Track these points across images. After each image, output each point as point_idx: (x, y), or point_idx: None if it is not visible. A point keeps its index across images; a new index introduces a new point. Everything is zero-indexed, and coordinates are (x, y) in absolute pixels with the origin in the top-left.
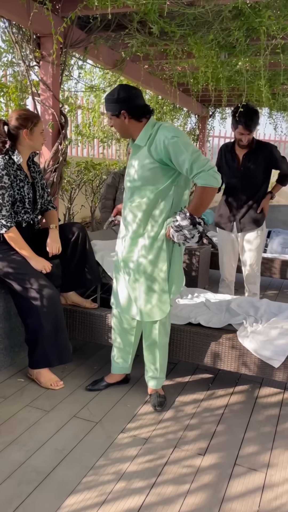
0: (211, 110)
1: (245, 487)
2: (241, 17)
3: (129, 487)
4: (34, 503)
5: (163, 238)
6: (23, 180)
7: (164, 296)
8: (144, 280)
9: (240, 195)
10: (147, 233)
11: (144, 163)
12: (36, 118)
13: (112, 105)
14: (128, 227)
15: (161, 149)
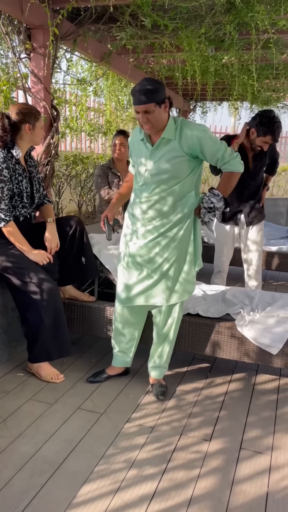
0: (192, 104)
1: (252, 470)
2: (232, 11)
3: (141, 474)
4: (50, 493)
5: (190, 217)
6: (22, 174)
7: (192, 273)
8: (173, 261)
9: (247, 190)
10: (174, 220)
11: (174, 156)
12: (39, 113)
13: (158, 94)
14: (151, 218)
15: (194, 143)
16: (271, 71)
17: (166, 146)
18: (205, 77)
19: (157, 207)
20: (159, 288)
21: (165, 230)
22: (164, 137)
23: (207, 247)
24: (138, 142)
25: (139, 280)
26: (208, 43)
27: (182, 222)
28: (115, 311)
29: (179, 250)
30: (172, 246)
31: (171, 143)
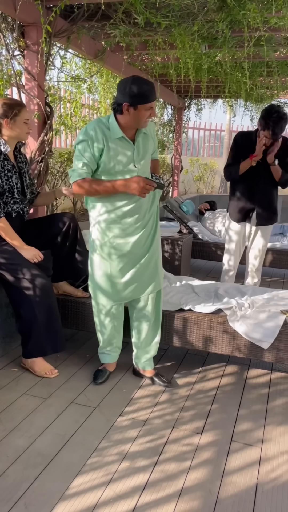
0: (187, 101)
1: (243, 462)
2: (225, 9)
3: (133, 466)
4: (43, 485)
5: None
6: (11, 170)
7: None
8: (158, 251)
9: (260, 189)
10: (154, 209)
11: (149, 149)
12: (18, 107)
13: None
14: (145, 212)
15: (154, 137)
16: (264, 68)
17: (146, 141)
18: (199, 75)
19: (144, 200)
20: (151, 277)
21: (152, 221)
22: (144, 132)
23: (201, 244)
24: (113, 139)
25: (133, 277)
26: (201, 40)
27: (156, 211)
28: (103, 311)
29: (158, 236)
30: (156, 235)
31: (147, 137)
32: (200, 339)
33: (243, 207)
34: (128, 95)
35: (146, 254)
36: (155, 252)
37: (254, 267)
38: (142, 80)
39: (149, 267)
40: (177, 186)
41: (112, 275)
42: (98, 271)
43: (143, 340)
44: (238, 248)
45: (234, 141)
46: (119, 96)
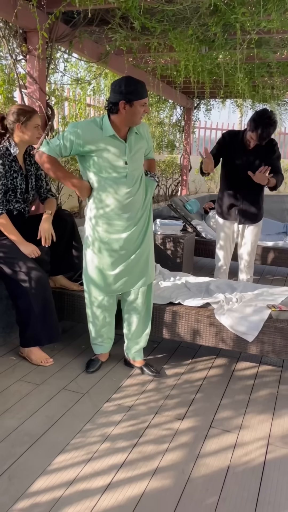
0: (196, 102)
1: (218, 446)
2: (218, 13)
3: (113, 447)
4: (27, 461)
5: (151, 204)
6: (17, 171)
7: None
8: (152, 244)
9: (245, 187)
10: (147, 206)
11: (141, 148)
12: (30, 112)
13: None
14: (137, 209)
15: (148, 137)
16: (266, 69)
17: (138, 141)
18: (202, 76)
19: (137, 198)
20: (142, 272)
21: (144, 218)
22: (136, 132)
23: (205, 242)
24: (104, 137)
25: (124, 271)
26: (199, 43)
27: (149, 208)
28: (96, 303)
29: (150, 232)
30: (148, 231)
31: (140, 137)
32: (188, 331)
33: (228, 206)
34: (123, 93)
35: (137, 249)
36: (146, 248)
37: (245, 265)
38: (134, 79)
39: (140, 262)
40: (186, 185)
41: (103, 269)
42: (90, 265)
43: (134, 331)
44: (227, 245)
45: (221, 138)
46: (114, 96)
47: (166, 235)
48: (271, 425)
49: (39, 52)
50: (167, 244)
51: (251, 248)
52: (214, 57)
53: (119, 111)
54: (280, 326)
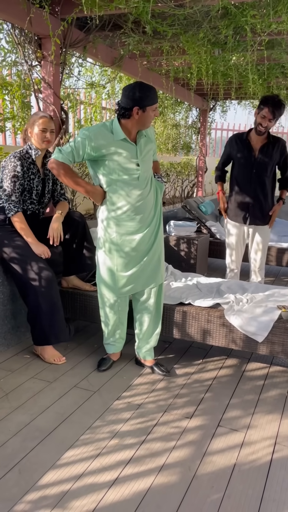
0: (212, 103)
1: (225, 444)
2: (228, 16)
3: (122, 443)
4: (37, 455)
5: (161, 206)
6: (35, 173)
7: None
8: (161, 248)
9: (254, 188)
10: (158, 207)
11: (150, 150)
12: (35, 117)
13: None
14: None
15: (153, 139)
16: (280, 70)
17: (147, 143)
18: (216, 77)
19: (148, 200)
20: (154, 273)
21: (155, 220)
22: (145, 135)
23: (219, 243)
24: (116, 140)
25: (136, 272)
26: (211, 45)
27: (159, 209)
28: (108, 304)
29: (161, 233)
30: (159, 233)
31: (149, 140)
32: (198, 331)
33: (238, 207)
34: (136, 99)
35: (149, 250)
36: (158, 249)
37: (256, 266)
38: (146, 85)
39: (152, 263)
40: (201, 187)
41: (116, 270)
42: (103, 267)
43: (145, 331)
44: (238, 247)
45: (228, 142)
46: (127, 101)
47: (180, 237)
48: (279, 425)
49: (51, 58)
50: (181, 245)
51: (263, 250)
52: (227, 59)
53: (132, 116)
54: None
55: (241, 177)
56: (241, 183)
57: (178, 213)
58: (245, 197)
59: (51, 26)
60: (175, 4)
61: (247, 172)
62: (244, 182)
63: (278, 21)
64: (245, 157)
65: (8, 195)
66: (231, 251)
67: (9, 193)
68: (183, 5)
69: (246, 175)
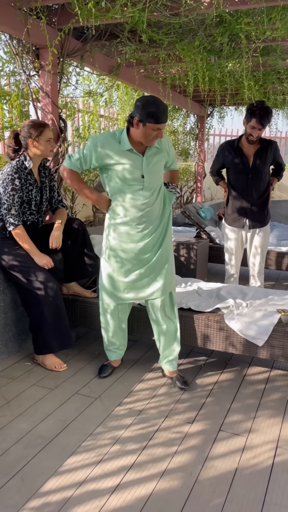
0: (210, 110)
1: (227, 449)
2: (223, 24)
3: (123, 449)
4: (39, 462)
5: (170, 215)
6: (32, 184)
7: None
8: (170, 256)
9: (251, 192)
10: (165, 217)
11: (160, 161)
12: (41, 127)
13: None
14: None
15: (168, 149)
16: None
17: (157, 154)
18: (212, 84)
19: (153, 209)
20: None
21: (161, 228)
22: (157, 146)
23: (218, 248)
24: (122, 151)
25: (136, 280)
26: (207, 53)
27: (168, 219)
28: (108, 310)
29: (167, 242)
30: (164, 242)
31: (159, 151)
32: (198, 336)
33: (235, 212)
34: (140, 111)
35: (151, 260)
36: (162, 259)
37: (255, 271)
38: (157, 102)
39: (154, 272)
40: (200, 192)
41: (115, 276)
42: (103, 272)
43: (162, 344)
44: (237, 251)
45: (219, 149)
46: (134, 110)
47: (179, 242)
48: (280, 428)
49: (49, 67)
50: (181, 251)
51: (261, 254)
52: (222, 66)
53: (134, 125)
54: None
55: (238, 183)
56: (238, 189)
57: (178, 218)
58: (242, 202)
59: (48, 37)
60: (170, 13)
61: (243, 178)
62: (241, 188)
63: (272, 28)
64: (240, 164)
65: (7, 208)
66: (230, 256)
67: (8, 207)
68: (178, 14)
69: (242, 181)
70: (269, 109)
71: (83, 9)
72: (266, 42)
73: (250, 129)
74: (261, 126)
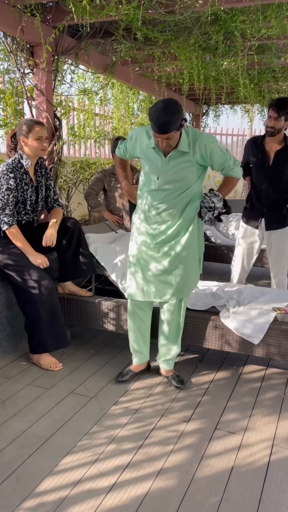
0: (205, 108)
1: (223, 447)
2: (218, 22)
3: (119, 448)
4: (34, 462)
5: (195, 218)
6: (28, 183)
7: (196, 272)
8: (185, 265)
9: (268, 192)
10: (184, 228)
11: (186, 166)
12: (31, 125)
13: (177, 122)
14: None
15: (205, 153)
16: (271, 74)
17: (180, 158)
18: (207, 83)
19: (166, 213)
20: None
21: (176, 234)
22: (179, 150)
23: (214, 247)
24: (148, 148)
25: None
26: (202, 51)
27: (188, 226)
28: (128, 310)
29: (186, 251)
30: (178, 249)
31: (185, 155)
32: (194, 335)
33: (252, 211)
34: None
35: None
36: (173, 264)
37: (274, 273)
38: (158, 113)
39: (163, 275)
40: None
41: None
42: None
43: (162, 343)
44: (245, 252)
45: (244, 147)
46: None
47: None
48: (276, 426)
49: (43, 65)
50: None
51: (278, 256)
52: (218, 64)
53: None
54: (286, 329)
55: (257, 181)
56: (257, 187)
57: None
58: (260, 201)
59: (43, 34)
60: (165, 11)
61: (261, 177)
62: (259, 186)
63: (267, 26)
64: (260, 162)
65: (1, 208)
66: (236, 258)
67: (2, 207)
68: (173, 12)
69: (261, 180)
70: (282, 99)
71: (77, 6)
72: (261, 40)
73: (267, 120)
74: (276, 114)
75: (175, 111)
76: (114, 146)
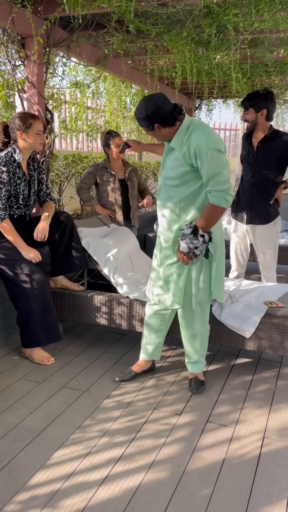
0: (198, 102)
1: (215, 440)
2: (211, 15)
3: (112, 441)
4: (27, 456)
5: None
6: (21, 177)
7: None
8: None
9: (252, 185)
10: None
11: (178, 165)
12: (31, 119)
13: (144, 122)
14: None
15: (191, 154)
16: (264, 68)
17: (172, 154)
18: (200, 76)
19: (164, 214)
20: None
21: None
22: (170, 146)
23: None
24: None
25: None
26: (194, 44)
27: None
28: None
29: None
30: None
31: (175, 152)
32: None
33: (239, 205)
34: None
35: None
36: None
37: (261, 268)
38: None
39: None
40: None
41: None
42: None
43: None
44: (237, 247)
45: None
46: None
47: None
48: (267, 419)
49: (35, 57)
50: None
51: (262, 253)
52: (210, 58)
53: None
54: (277, 322)
55: (244, 174)
56: (243, 180)
57: None
58: (245, 194)
59: (34, 26)
60: (157, 3)
61: (246, 169)
62: (244, 179)
63: (260, 19)
64: (246, 155)
65: None
66: (231, 251)
67: None
68: (165, 4)
69: (245, 172)
70: (256, 93)
71: None
72: (254, 34)
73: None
74: (244, 108)
75: (142, 111)
76: (106, 140)
